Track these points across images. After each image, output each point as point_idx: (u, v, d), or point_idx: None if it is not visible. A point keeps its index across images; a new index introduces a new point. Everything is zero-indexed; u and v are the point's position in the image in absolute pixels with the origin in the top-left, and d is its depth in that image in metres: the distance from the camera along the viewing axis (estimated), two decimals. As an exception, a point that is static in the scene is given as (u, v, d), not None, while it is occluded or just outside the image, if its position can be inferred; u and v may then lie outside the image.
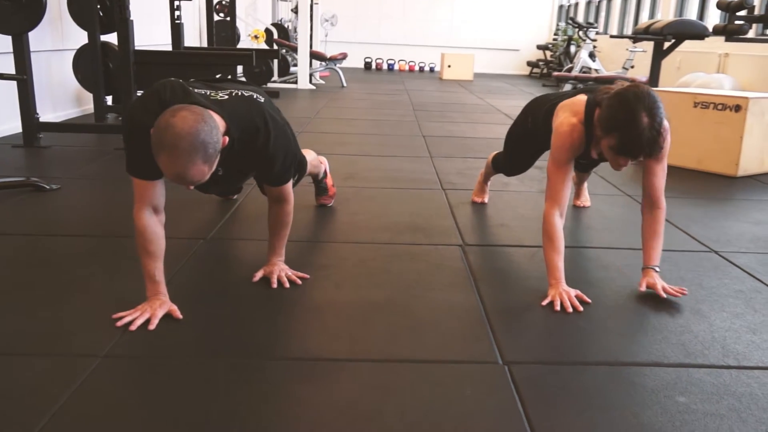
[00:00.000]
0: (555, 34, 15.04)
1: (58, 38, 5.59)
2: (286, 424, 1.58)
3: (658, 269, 2.39)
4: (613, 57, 11.66)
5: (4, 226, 2.95)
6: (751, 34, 6.29)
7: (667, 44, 6.04)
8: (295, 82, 9.81)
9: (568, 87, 8.63)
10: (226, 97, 2.08)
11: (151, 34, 6.33)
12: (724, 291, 2.46)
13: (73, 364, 1.79)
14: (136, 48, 4.46)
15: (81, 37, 5.53)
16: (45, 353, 1.86)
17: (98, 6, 5.28)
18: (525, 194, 3.81)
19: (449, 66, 13.31)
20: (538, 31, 16.29)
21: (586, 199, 3.61)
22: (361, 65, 15.98)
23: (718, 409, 1.68)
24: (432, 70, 15.73)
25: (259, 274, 2.39)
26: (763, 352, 1.99)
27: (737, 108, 4.46)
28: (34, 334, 1.97)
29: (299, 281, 2.38)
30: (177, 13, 5.69)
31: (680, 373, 1.86)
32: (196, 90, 2.04)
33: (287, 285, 2.34)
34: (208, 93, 2.06)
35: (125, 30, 4.37)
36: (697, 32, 5.95)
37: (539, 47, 15.10)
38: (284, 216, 2.40)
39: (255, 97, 2.16)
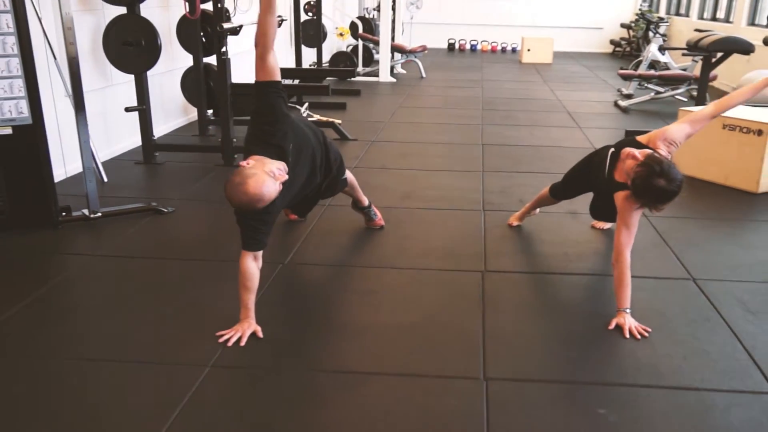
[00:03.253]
0: (636, 15, 15.20)
1: (169, 60, 6.56)
2: (315, 425, 2.42)
3: (628, 310, 3.08)
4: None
5: (131, 250, 3.89)
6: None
7: (714, 59, 6.51)
8: (378, 75, 10.59)
9: (634, 86, 9.05)
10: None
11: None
12: (681, 320, 3.14)
13: (190, 371, 2.68)
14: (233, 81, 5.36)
15: (187, 59, 6.48)
16: (165, 362, 2.75)
17: (201, 33, 6.20)
18: (554, 216, 4.47)
19: (529, 50, 13.79)
20: (622, 8, 16.41)
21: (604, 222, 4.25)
22: (445, 46, 16.56)
23: (624, 420, 2.42)
24: (514, 50, 16.16)
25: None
26: (683, 375, 2.69)
27: (759, 132, 5.00)
28: (156, 344, 2.87)
29: None
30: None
31: (610, 391, 2.59)
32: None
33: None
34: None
35: (223, 67, 5.28)
36: (743, 48, 6.41)
37: (623, 26, 15.33)
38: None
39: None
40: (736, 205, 4.79)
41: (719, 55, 6.54)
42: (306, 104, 7.39)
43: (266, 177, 2.72)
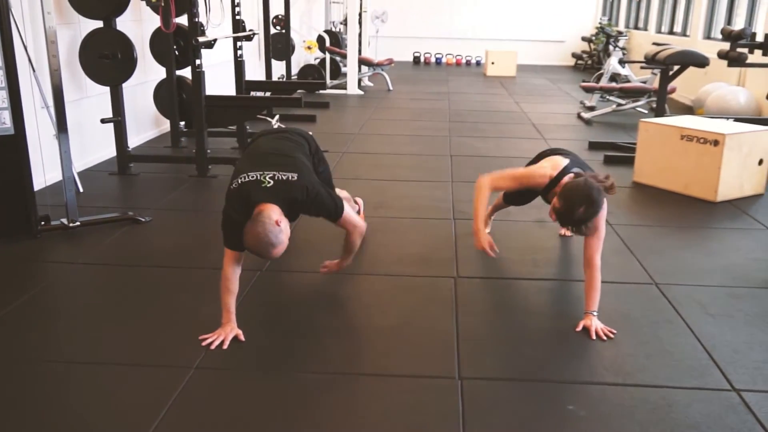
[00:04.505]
0: (596, 29, 15.57)
1: (141, 73, 6.60)
2: (313, 426, 2.53)
3: (595, 313, 3.23)
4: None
5: (110, 258, 3.96)
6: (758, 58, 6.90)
7: (671, 72, 6.76)
8: (345, 88, 10.73)
9: (596, 98, 9.31)
10: (272, 183, 3.01)
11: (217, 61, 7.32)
12: (644, 322, 3.30)
13: (174, 373, 2.76)
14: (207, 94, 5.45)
15: (159, 71, 6.54)
16: (150, 364, 2.83)
17: (174, 47, 6.27)
18: (521, 225, 4.65)
19: (493, 63, 14.05)
20: (582, 22, 16.80)
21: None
22: (411, 59, 16.78)
23: (592, 416, 2.56)
24: (478, 63, 16.45)
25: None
26: (647, 373, 2.84)
27: (716, 143, 5.22)
28: (139, 348, 2.94)
29: None
30: (240, 52, 6.64)
31: (579, 389, 2.73)
32: (253, 178, 3.00)
33: None
34: (260, 179, 2.99)
35: (198, 80, 5.37)
36: (699, 62, 6.65)
37: (584, 39, 15.70)
38: (350, 245, 3.41)
39: (290, 178, 3.05)
40: (695, 213, 4.99)
41: (676, 67, 6.79)
42: (277, 116, 7.50)
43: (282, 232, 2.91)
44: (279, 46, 10.09)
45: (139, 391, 2.66)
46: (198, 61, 5.32)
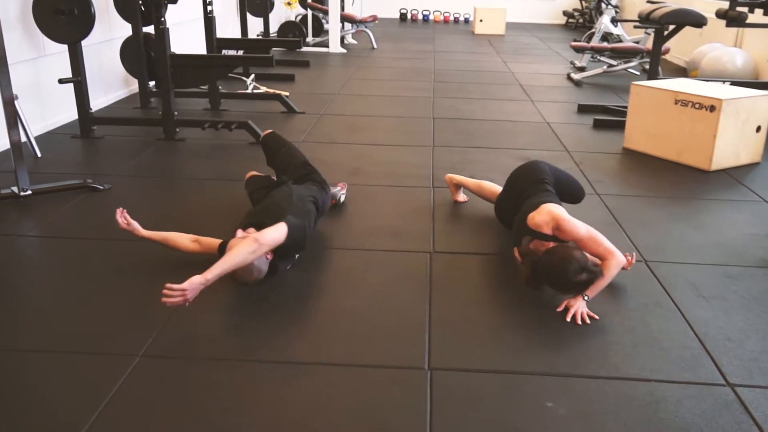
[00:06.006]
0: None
1: (106, 30, 6.25)
2: (262, 419, 2.28)
3: (587, 298, 2.97)
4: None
5: (62, 230, 3.68)
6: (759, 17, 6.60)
7: (666, 32, 6.43)
8: (328, 46, 10.34)
9: (587, 58, 8.99)
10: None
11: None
12: (631, 305, 3.06)
13: (118, 361, 2.51)
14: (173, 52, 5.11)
15: (126, 27, 6.18)
16: (90, 352, 2.57)
17: (140, 2, 5.90)
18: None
19: (481, 20, 13.64)
20: (575, -21, 16.35)
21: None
22: (397, 16, 16.32)
23: (573, 414, 2.33)
24: (467, 20, 16.00)
25: None
26: (633, 364, 2.61)
27: (712, 108, 4.94)
28: (82, 334, 2.69)
29: None
30: (210, 8, 6.27)
31: (559, 382, 2.49)
32: None
33: None
34: None
35: (162, 37, 5.02)
36: (696, 21, 6.33)
37: (575, -3, 15.29)
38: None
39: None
40: (688, 183, 4.74)
41: (671, 27, 6.46)
42: (252, 76, 7.16)
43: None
44: (257, 1, 9.68)
45: (78, 383, 2.41)
46: (162, 18, 4.97)
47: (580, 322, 2.88)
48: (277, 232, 2.99)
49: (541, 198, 3.33)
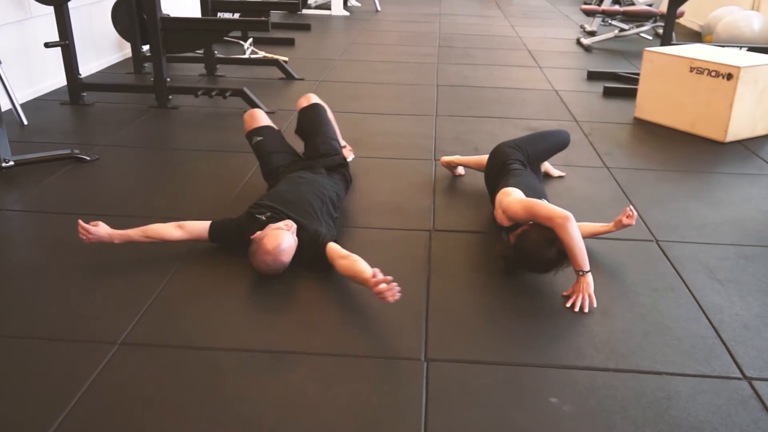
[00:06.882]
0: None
1: (97, -10, 6.02)
2: (244, 411, 2.12)
3: (583, 272, 2.76)
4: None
5: (45, 204, 3.51)
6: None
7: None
8: (330, 8, 10.06)
9: (597, 22, 8.70)
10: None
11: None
12: (641, 289, 2.88)
13: (96, 349, 2.35)
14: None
15: (119, -12, 5.95)
16: (69, 339, 2.42)
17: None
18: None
19: (490, -19, 13.26)
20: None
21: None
22: (404, -23, 15.92)
23: (579, 411, 2.16)
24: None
25: None
26: (643, 356, 2.44)
27: (729, 76, 4.71)
28: (59, 319, 2.53)
29: None
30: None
31: (564, 375, 2.33)
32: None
33: None
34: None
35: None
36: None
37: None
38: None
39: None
40: (702, 155, 4.53)
41: (687, -10, 6.20)
42: (250, 40, 6.93)
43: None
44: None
45: (54, 372, 2.26)
46: (153, -22, 4.74)
47: (587, 302, 2.71)
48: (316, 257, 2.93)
49: (501, 186, 3.18)
